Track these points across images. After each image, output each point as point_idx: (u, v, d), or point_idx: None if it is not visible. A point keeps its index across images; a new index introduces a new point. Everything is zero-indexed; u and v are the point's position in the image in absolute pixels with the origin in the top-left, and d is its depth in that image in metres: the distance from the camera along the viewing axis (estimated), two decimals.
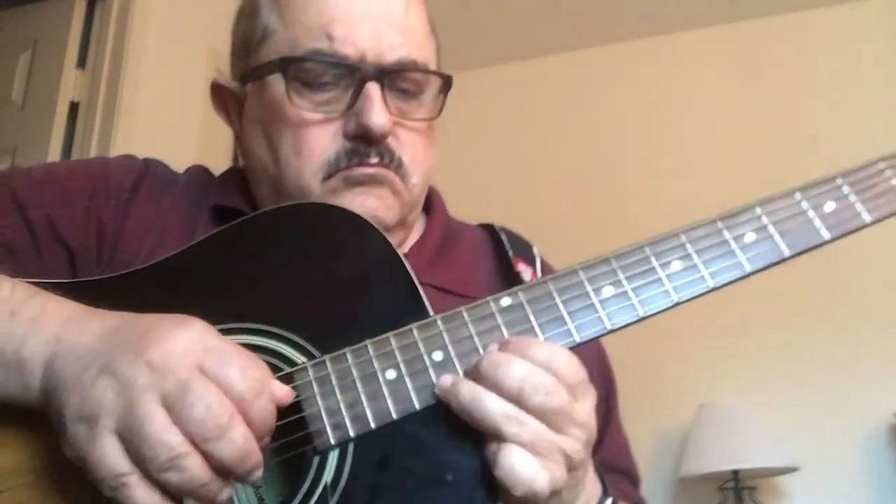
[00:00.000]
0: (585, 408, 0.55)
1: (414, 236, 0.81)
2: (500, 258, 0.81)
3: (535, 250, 0.84)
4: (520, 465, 0.51)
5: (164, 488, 0.48)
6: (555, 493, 0.54)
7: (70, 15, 2.31)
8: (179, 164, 0.86)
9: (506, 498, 0.53)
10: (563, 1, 3.04)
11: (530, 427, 0.52)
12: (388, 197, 0.72)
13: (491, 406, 0.52)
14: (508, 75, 3.34)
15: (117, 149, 2.15)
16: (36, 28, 2.36)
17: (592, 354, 0.82)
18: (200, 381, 0.48)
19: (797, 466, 2.37)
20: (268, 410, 0.51)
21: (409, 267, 0.61)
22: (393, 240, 0.72)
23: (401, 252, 0.62)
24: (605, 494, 0.62)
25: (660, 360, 2.74)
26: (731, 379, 2.65)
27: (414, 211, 0.78)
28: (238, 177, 0.82)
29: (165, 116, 2.33)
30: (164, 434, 0.47)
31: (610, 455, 0.78)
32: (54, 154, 2.18)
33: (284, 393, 0.54)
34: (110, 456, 0.47)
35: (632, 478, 0.82)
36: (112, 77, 2.25)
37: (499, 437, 0.52)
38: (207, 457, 0.48)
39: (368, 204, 0.70)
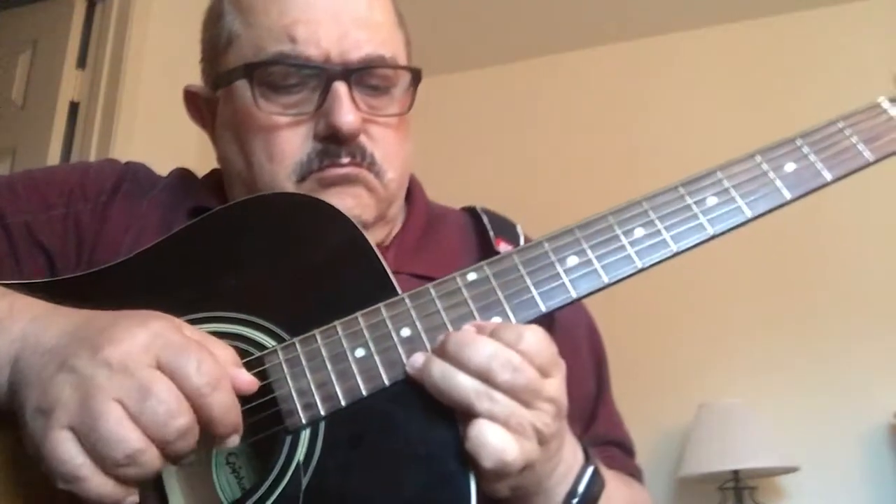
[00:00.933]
0: (554, 383, 0.56)
1: (396, 228, 0.81)
2: (483, 239, 0.81)
3: (519, 229, 0.83)
4: (489, 436, 0.52)
5: (118, 479, 0.48)
6: (528, 466, 0.54)
7: (70, 15, 2.32)
8: (179, 163, 0.86)
9: (478, 472, 0.53)
10: (558, 3, 3.04)
11: (501, 403, 0.53)
12: (363, 195, 0.72)
13: (462, 383, 0.53)
14: (505, 76, 3.34)
15: (117, 149, 2.15)
16: (36, 28, 2.36)
17: (583, 331, 0.83)
18: (160, 382, 0.49)
19: (797, 466, 2.36)
20: (227, 403, 0.51)
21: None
22: (375, 236, 0.75)
23: (384, 244, 0.62)
24: (588, 463, 0.62)
25: (660, 360, 2.74)
26: (731, 379, 2.64)
27: (394, 206, 0.78)
28: (217, 178, 0.83)
29: (165, 116, 2.32)
30: (121, 431, 0.47)
31: (603, 428, 0.79)
32: (54, 154, 2.18)
33: (247, 382, 0.54)
34: (63, 449, 0.47)
35: (626, 448, 0.82)
36: (112, 77, 2.26)
37: (470, 414, 0.53)
38: (167, 454, 0.49)
39: (344, 204, 0.69)
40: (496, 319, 0.58)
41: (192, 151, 2.41)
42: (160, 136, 2.27)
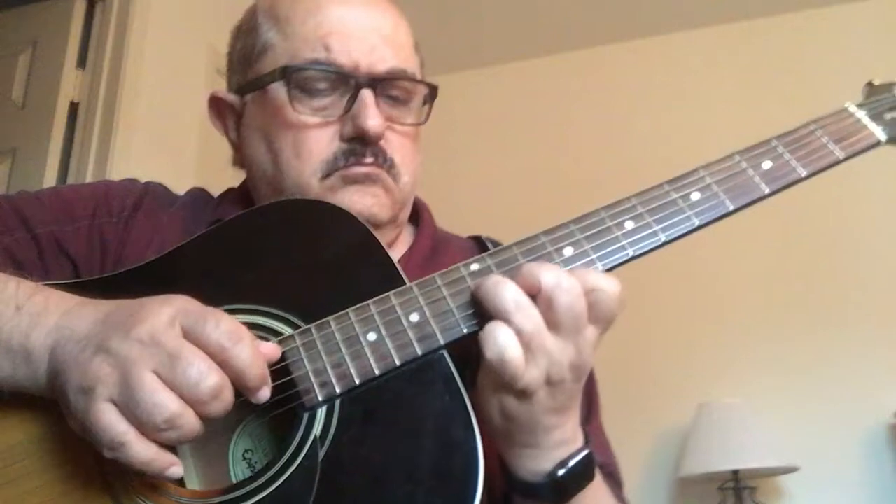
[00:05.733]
0: (591, 334, 0.60)
1: (404, 245, 0.86)
2: None
3: None
4: (500, 334, 0.56)
5: (160, 445, 0.52)
6: (525, 393, 0.58)
7: (70, 15, 2.31)
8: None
9: (484, 382, 0.59)
10: (558, 3, 3.04)
11: (531, 321, 0.57)
12: (381, 195, 0.78)
13: (507, 293, 0.57)
14: (509, 75, 3.35)
15: (117, 149, 2.15)
16: (36, 28, 2.36)
17: None
18: (187, 348, 0.53)
19: (797, 466, 2.37)
20: (250, 354, 0.54)
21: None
22: (386, 237, 0.80)
23: (394, 258, 0.66)
24: (586, 446, 0.65)
25: (660, 360, 2.74)
26: (731, 379, 2.65)
27: (404, 210, 0.84)
28: (234, 194, 0.89)
29: (165, 116, 2.33)
30: (158, 397, 0.51)
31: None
32: (54, 154, 2.17)
33: (271, 349, 0.58)
34: (107, 419, 0.51)
35: (613, 474, 0.81)
36: (112, 77, 2.24)
37: (501, 321, 0.57)
38: (204, 416, 0.53)
39: (364, 202, 0.76)
40: None
41: (193, 151, 2.42)
42: (160, 136, 2.27)
